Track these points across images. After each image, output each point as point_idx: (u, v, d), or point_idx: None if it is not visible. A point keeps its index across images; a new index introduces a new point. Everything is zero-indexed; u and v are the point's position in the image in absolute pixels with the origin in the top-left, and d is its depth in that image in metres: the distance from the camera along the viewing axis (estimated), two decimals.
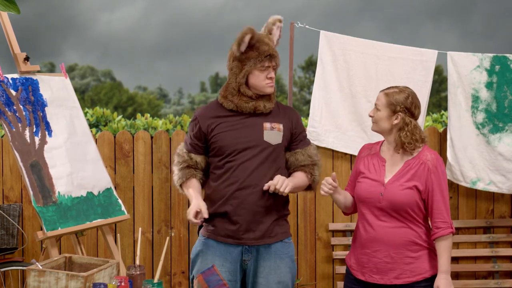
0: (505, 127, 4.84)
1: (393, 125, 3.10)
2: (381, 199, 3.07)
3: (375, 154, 3.19)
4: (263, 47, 3.25)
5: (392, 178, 3.08)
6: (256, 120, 3.31)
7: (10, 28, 3.95)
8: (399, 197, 3.04)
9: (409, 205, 3.04)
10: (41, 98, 3.92)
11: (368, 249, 3.12)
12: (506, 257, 5.03)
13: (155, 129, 6.42)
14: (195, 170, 3.39)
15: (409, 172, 3.07)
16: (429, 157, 3.08)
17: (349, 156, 4.99)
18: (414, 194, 3.04)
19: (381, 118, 3.11)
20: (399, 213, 3.05)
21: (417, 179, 3.06)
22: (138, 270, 3.22)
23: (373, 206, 3.10)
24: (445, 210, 3.06)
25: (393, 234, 3.06)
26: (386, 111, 3.09)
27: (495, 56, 4.85)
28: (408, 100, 3.08)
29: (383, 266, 3.08)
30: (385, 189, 3.07)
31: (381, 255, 3.08)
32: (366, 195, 3.12)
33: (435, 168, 3.06)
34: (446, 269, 3.06)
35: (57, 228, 3.63)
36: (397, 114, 3.08)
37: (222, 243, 3.30)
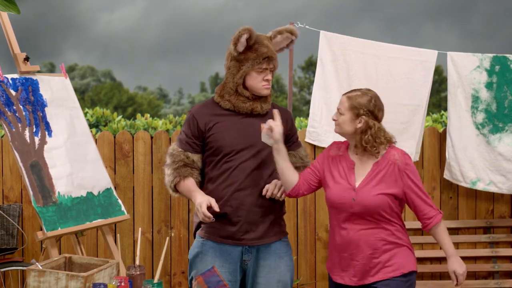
0: (505, 127, 4.84)
1: (356, 128, 3.07)
2: (353, 204, 3.05)
3: (344, 156, 3.15)
4: (262, 49, 3.24)
5: (363, 182, 3.07)
6: (253, 121, 3.31)
7: (10, 28, 3.95)
8: (371, 201, 3.03)
9: (382, 207, 3.04)
10: (41, 98, 3.92)
11: (345, 252, 3.11)
12: (506, 257, 5.03)
13: (155, 129, 6.42)
14: (192, 169, 3.33)
15: (378, 175, 3.06)
16: (397, 156, 3.07)
17: None
18: (386, 197, 3.04)
19: (345, 121, 3.08)
20: (372, 216, 3.05)
21: (388, 180, 3.05)
22: (138, 270, 3.22)
23: (346, 211, 3.08)
24: (428, 199, 3.10)
25: (367, 236, 3.06)
26: (349, 115, 3.07)
27: (495, 56, 4.85)
28: (371, 103, 3.06)
29: (362, 267, 3.09)
30: (356, 194, 3.05)
31: (358, 257, 3.08)
32: (338, 200, 3.09)
33: (406, 166, 3.06)
34: (453, 252, 3.11)
35: (57, 228, 3.63)
36: (361, 118, 3.06)
37: (222, 244, 3.29)
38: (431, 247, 5.03)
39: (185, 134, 3.35)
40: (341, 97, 3.15)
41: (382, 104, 3.12)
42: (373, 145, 3.04)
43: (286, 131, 3.33)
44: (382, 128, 3.09)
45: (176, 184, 3.32)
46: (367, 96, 3.07)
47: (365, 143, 3.04)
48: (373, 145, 3.04)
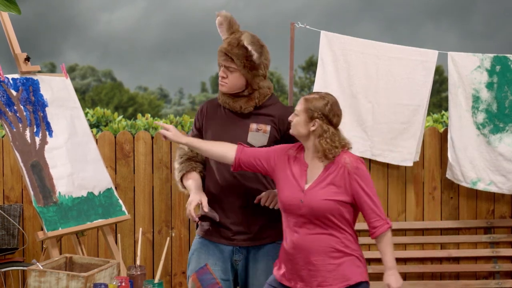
0: (506, 127, 4.84)
1: (310, 131, 3.05)
2: (301, 206, 3.01)
3: (298, 158, 3.13)
4: (223, 42, 3.28)
5: (312, 184, 3.04)
6: (245, 120, 3.31)
7: (10, 28, 3.95)
8: (318, 204, 2.99)
9: (330, 211, 2.98)
10: (41, 99, 3.92)
11: (291, 256, 3.07)
12: (506, 257, 5.03)
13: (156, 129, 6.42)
14: (195, 162, 3.35)
15: (328, 177, 3.02)
16: (348, 160, 3.03)
17: None
18: (334, 202, 2.99)
19: (299, 123, 3.06)
20: (321, 220, 3.00)
21: (338, 184, 3.01)
22: (138, 270, 3.22)
23: (295, 213, 3.04)
24: (376, 208, 3.01)
25: (314, 241, 3.01)
26: (304, 117, 3.05)
27: (496, 56, 4.85)
28: (326, 107, 3.04)
29: (306, 273, 3.04)
30: (304, 196, 3.02)
31: (303, 262, 3.03)
32: (287, 202, 3.06)
33: (356, 170, 3.01)
34: (392, 265, 3.04)
35: (57, 228, 3.63)
36: (314, 121, 3.04)
37: (215, 242, 3.31)
38: (431, 247, 5.04)
39: (193, 126, 3.43)
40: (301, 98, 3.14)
41: (340, 110, 3.09)
42: (330, 148, 3.02)
43: (283, 131, 3.30)
44: (338, 134, 3.07)
45: (182, 178, 3.35)
46: (324, 100, 3.05)
47: (321, 146, 3.03)
48: (330, 148, 3.02)
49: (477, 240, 5.00)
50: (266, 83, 3.34)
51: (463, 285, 4.89)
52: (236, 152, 3.18)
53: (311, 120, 3.03)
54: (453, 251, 5.00)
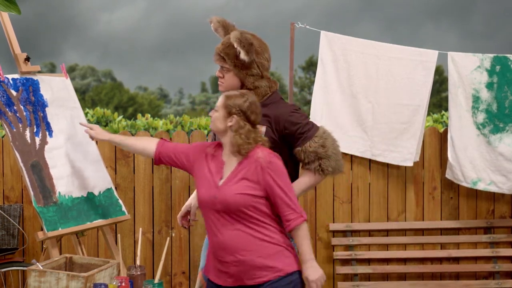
0: (506, 127, 4.84)
1: (227, 127, 3.09)
2: (216, 202, 3.04)
3: (216, 155, 3.16)
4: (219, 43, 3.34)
5: (226, 180, 3.06)
6: None
7: (10, 29, 3.95)
8: (231, 199, 3.00)
9: (244, 205, 2.99)
10: (41, 99, 3.92)
11: (217, 253, 3.08)
12: (506, 257, 5.03)
13: (156, 130, 6.42)
14: None
15: (241, 172, 3.04)
16: (260, 154, 3.04)
17: (350, 157, 4.99)
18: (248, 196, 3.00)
19: (217, 118, 3.11)
20: (238, 215, 3.01)
21: (251, 179, 3.02)
22: (138, 271, 3.23)
23: (212, 210, 3.07)
24: (290, 201, 3.00)
25: (237, 237, 3.02)
26: (223, 112, 3.09)
27: (496, 57, 4.85)
28: (245, 104, 3.08)
29: (234, 269, 3.04)
30: (218, 192, 3.04)
31: (229, 259, 3.04)
32: (204, 198, 3.09)
33: (268, 164, 3.01)
34: (309, 257, 3.00)
35: (57, 228, 3.63)
36: (232, 117, 3.08)
37: None
38: (431, 247, 5.03)
39: None
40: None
41: (259, 108, 3.11)
42: (243, 144, 3.05)
43: (280, 131, 3.28)
44: (254, 131, 3.09)
45: None
46: (243, 97, 3.09)
47: (236, 141, 3.06)
48: (244, 144, 3.05)
49: (477, 240, 5.00)
50: (264, 82, 3.32)
51: (463, 285, 4.89)
52: (156, 147, 3.28)
53: (229, 115, 3.08)
54: (453, 251, 5.00)
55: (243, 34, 3.25)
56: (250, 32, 3.35)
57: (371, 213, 5.05)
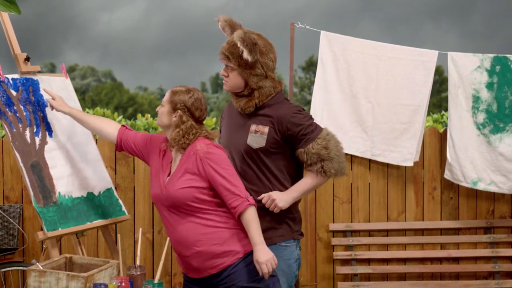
0: (506, 127, 4.84)
1: (171, 122, 3.13)
2: (163, 198, 3.09)
3: (167, 152, 3.19)
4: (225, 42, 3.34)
5: (171, 176, 3.10)
6: (247, 121, 3.32)
7: (10, 29, 3.95)
8: (175, 195, 3.04)
9: (189, 199, 3.02)
10: (41, 99, 3.92)
11: (176, 248, 3.13)
12: (506, 257, 5.02)
13: (156, 129, 6.42)
14: None
15: (183, 167, 3.07)
16: (199, 146, 3.07)
17: (350, 157, 4.99)
18: (191, 189, 3.03)
19: (163, 113, 3.15)
20: (186, 209, 3.05)
21: (192, 171, 3.05)
22: (138, 271, 3.22)
23: (162, 206, 3.12)
24: (233, 188, 3.00)
25: (190, 230, 3.05)
26: (168, 107, 3.14)
27: (496, 57, 4.85)
28: (190, 99, 3.12)
29: (195, 262, 3.08)
30: (165, 189, 3.09)
31: (188, 253, 3.08)
32: (153, 195, 3.15)
33: (207, 155, 3.04)
34: (258, 241, 2.99)
35: (57, 228, 3.63)
36: (176, 112, 3.12)
37: None
38: (431, 247, 5.03)
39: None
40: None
41: (204, 105, 3.15)
42: (180, 139, 3.09)
43: (282, 133, 3.27)
44: (196, 127, 3.12)
45: None
46: (189, 93, 3.14)
47: (173, 137, 3.10)
48: (181, 139, 3.09)
49: (477, 240, 5.00)
50: (269, 82, 3.31)
51: (463, 285, 4.89)
52: (118, 133, 3.36)
53: (174, 111, 3.12)
54: (453, 251, 5.00)
55: (247, 34, 3.25)
56: (256, 32, 3.34)
57: (371, 213, 5.05)
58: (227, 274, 3.04)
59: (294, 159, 3.33)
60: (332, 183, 5.02)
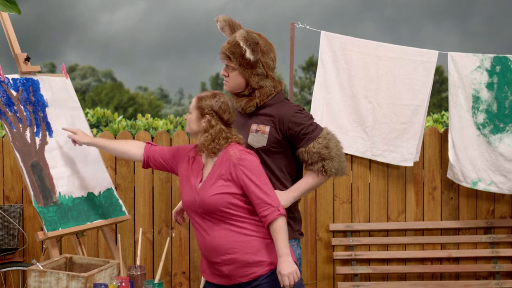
0: (506, 127, 4.84)
1: (201, 128, 3.13)
2: (197, 204, 3.07)
3: (196, 158, 3.19)
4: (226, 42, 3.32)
5: (204, 182, 3.09)
6: (248, 121, 3.32)
7: (10, 29, 3.95)
8: (209, 201, 3.03)
9: (223, 205, 3.01)
10: (41, 99, 3.92)
11: (207, 254, 3.11)
12: (506, 257, 5.02)
13: (156, 130, 6.43)
14: None
15: (216, 172, 3.07)
16: (232, 152, 3.06)
17: (350, 157, 4.99)
18: (225, 195, 3.02)
19: (191, 120, 3.15)
20: (220, 215, 3.03)
21: (225, 178, 3.04)
22: (138, 271, 3.23)
23: (195, 212, 3.10)
24: (265, 196, 2.99)
25: (223, 237, 3.04)
26: (196, 113, 3.13)
27: (496, 57, 4.85)
28: (217, 104, 3.11)
29: (225, 269, 3.06)
30: (198, 195, 3.08)
31: (219, 260, 3.06)
32: (186, 202, 3.14)
33: (240, 161, 3.03)
34: (283, 252, 2.97)
35: (57, 228, 3.63)
36: (205, 117, 3.11)
37: None
38: (431, 247, 5.03)
39: None
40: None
41: (231, 108, 3.15)
42: (210, 144, 3.08)
43: (284, 132, 3.28)
44: (225, 129, 3.12)
45: None
46: (215, 97, 3.13)
47: (203, 142, 3.10)
48: (210, 143, 3.08)
49: (477, 240, 5.00)
50: (269, 82, 3.31)
51: (463, 285, 4.89)
52: (144, 150, 3.34)
53: (202, 116, 3.12)
54: (453, 251, 5.00)
55: (249, 33, 3.25)
56: (256, 32, 3.35)
57: (371, 213, 5.05)
58: (256, 284, 3.04)
59: (294, 159, 3.33)
60: (332, 183, 5.03)
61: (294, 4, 32.25)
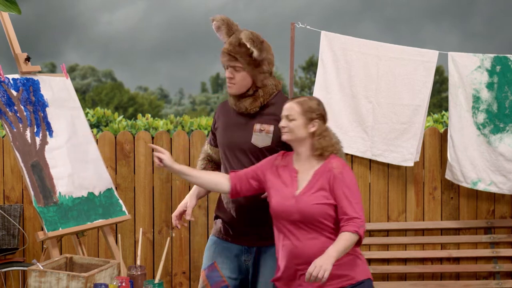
0: (506, 127, 4.84)
1: (309, 133, 3.09)
2: (293, 212, 3.03)
3: (287, 166, 3.14)
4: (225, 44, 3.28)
5: (303, 190, 3.06)
6: (250, 121, 3.30)
7: (11, 29, 3.95)
8: (310, 208, 3.00)
9: (321, 215, 3.00)
10: (42, 99, 3.92)
11: (290, 262, 3.07)
12: (506, 257, 5.02)
13: (156, 130, 6.42)
14: (209, 162, 3.47)
15: (318, 182, 3.04)
16: (334, 164, 3.05)
17: (350, 157, 4.99)
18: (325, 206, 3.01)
19: (297, 126, 3.08)
20: (314, 224, 3.01)
21: (326, 188, 3.03)
22: (139, 271, 3.22)
23: (287, 220, 3.06)
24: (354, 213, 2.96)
25: (311, 246, 3.02)
26: (302, 119, 3.09)
27: (496, 57, 4.85)
28: (320, 106, 3.12)
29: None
30: (296, 202, 3.04)
31: (303, 267, 3.03)
32: (279, 209, 3.08)
33: (341, 175, 3.02)
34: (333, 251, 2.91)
35: (58, 228, 3.64)
36: (314, 122, 3.10)
37: (224, 241, 3.33)
38: (431, 247, 5.03)
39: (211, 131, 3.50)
40: (287, 104, 3.14)
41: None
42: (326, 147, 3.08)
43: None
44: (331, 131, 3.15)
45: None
46: (315, 100, 3.13)
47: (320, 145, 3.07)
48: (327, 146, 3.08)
49: (477, 240, 5.00)
50: (271, 80, 3.31)
51: (463, 285, 4.89)
52: (231, 181, 3.18)
53: (310, 121, 3.09)
54: (453, 251, 5.00)
55: (253, 33, 3.26)
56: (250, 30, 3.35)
57: (371, 213, 5.05)
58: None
59: None
60: None
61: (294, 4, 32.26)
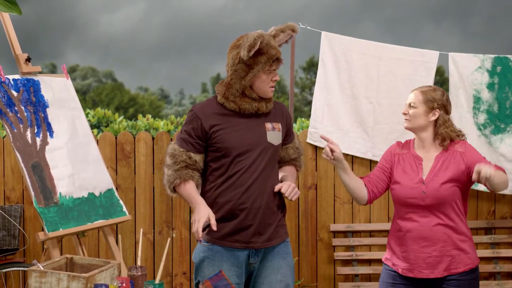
0: (507, 128, 4.84)
1: (429, 122, 3.24)
2: (424, 197, 3.16)
3: (409, 153, 3.30)
4: (271, 51, 3.19)
5: (429, 174, 3.19)
6: (258, 121, 3.28)
7: (11, 29, 3.96)
8: (441, 192, 3.14)
9: (453, 197, 3.15)
10: (42, 99, 3.92)
11: (415, 246, 3.20)
12: (507, 258, 5.02)
13: (157, 130, 6.43)
14: (193, 171, 3.24)
15: (444, 164, 3.19)
16: (457, 145, 3.22)
17: (351, 157, 4.99)
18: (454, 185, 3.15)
19: (419, 114, 3.26)
20: (444, 207, 3.15)
21: (454, 168, 3.16)
22: (139, 271, 3.22)
23: (416, 205, 3.19)
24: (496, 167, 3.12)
25: (439, 230, 3.17)
26: (424, 108, 3.25)
27: (497, 57, 4.85)
28: (443, 97, 3.26)
29: (433, 260, 3.18)
30: (426, 187, 3.17)
31: (430, 250, 3.18)
32: (408, 195, 3.21)
33: (466, 149, 3.19)
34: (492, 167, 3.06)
35: (58, 229, 3.64)
36: (435, 111, 3.23)
37: (229, 248, 3.23)
38: None
39: (188, 133, 3.24)
40: (411, 92, 3.33)
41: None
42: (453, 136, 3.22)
43: (286, 127, 3.35)
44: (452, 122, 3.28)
45: (176, 186, 3.23)
46: (439, 90, 3.27)
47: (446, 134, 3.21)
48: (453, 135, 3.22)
49: (478, 241, 5.00)
50: None
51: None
52: (367, 186, 3.33)
53: (431, 110, 3.24)
54: None
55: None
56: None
57: (372, 214, 5.05)
58: (454, 279, 3.18)
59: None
60: (333, 184, 5.02)
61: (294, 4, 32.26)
